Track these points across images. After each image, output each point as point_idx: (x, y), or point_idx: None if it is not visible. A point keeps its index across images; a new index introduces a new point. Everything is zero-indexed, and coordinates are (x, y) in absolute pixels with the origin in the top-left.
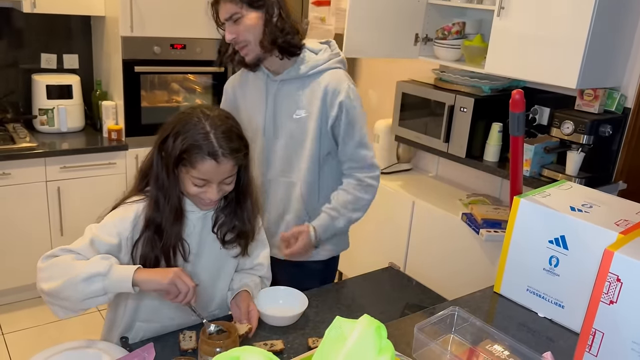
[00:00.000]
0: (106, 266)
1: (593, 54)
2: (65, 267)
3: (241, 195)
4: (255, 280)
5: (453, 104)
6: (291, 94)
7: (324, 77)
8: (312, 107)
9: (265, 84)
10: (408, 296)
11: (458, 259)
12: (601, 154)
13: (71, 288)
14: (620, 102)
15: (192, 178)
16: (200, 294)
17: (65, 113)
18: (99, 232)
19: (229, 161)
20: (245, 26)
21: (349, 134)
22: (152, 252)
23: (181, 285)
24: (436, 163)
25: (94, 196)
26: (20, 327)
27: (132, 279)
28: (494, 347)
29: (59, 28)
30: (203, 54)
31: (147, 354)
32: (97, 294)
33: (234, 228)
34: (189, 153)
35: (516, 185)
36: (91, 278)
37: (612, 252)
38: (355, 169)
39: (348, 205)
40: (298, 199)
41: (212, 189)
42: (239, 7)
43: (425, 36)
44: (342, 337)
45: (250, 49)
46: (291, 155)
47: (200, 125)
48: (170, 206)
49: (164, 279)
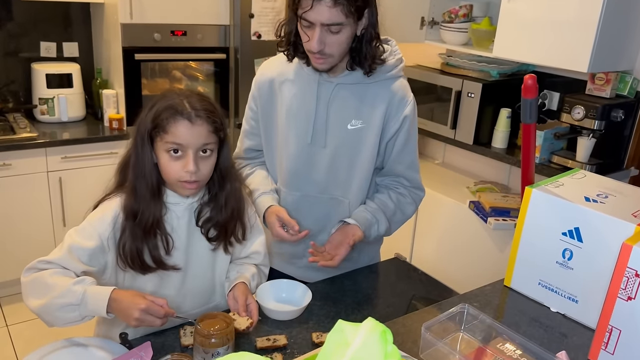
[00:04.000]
0: (79, 295)
1: (605, 36)
2: (43, 288)
3: (221, 179)
4: (252, 270)
5: (460, 90)
6: (348, 100)
7: (391, 87)
8: (373, 118)
9: (316, 84)
10: (415, 288)
11: (465, 248)
12: (612, 139)
13: (50, 314)
14: (633, 86)
15: (166, 146)
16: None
17: (66, 102)
18: (77, 237)
19: (203, 122)
20: (339, 40)
21: (404, 152)
22: (134, 243)
23: (150, 320)
24: (443, 150)
25: (96, 186)
26: (24, 319)
27: (105, 311)
28: (505, 345)
29: (58, 16)
30: (204, 41)
31: (145, 353)
32: (74, 320)
33: (217, 224)
34: (161, 117)
35: (528, 175)
36: (65, 308)
37: (630, 245)
38: (402, 185)
39: (388, 213)
40: (344, 218)
41: (190, 157)
42: (345, 17)
43: (431, 19)
44: (345, 343)
45: (329, 62)
46: (338, 169)
47: (174, 96)
48: (146, 183)
49: (129, 320)
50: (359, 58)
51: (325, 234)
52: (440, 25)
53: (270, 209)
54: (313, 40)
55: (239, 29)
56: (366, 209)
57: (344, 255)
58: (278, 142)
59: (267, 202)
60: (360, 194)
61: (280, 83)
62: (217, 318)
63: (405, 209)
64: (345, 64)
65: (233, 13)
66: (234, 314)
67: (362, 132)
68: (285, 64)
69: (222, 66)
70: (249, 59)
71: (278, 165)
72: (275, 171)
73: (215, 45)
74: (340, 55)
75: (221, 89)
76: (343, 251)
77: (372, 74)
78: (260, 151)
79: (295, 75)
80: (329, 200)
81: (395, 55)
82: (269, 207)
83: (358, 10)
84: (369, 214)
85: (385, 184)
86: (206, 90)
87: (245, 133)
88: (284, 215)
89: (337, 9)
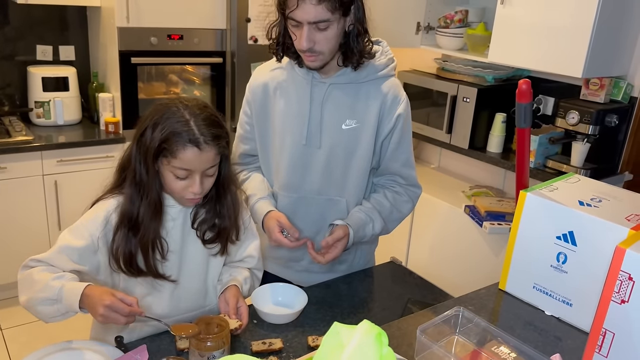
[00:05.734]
0: (55, 290)
1: (599, 42)
2: (29, 283)
3: (221, 189)
4: (244, 273)
5: (456, 94)
6: (342, 100)
7: (382, 85)
8: (367, 117)
9: (310, 85)
10: (410, 291)
11: (461, 252)
12: (607, 144)
13: (33, 308)
14: (627, 91)
15: (173, 169)
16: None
17: (62, 105)
18: (69, 236)
19: (211, 149)
20: (328, 36)
21: (399, 150)
22: (127, 247)
23: (114, 317)
24: (438, 154)
25: (92, 190)
26: (18, 323)
27: (77, 306)
28: (500, 348)
29: (55, 19)
30: (201, 45)
31: (140, 357)
32: (55, 314)
33: (213, 226)
34: (169, 142)
35: (522, 179)
36: (44, 302)
37: (623, 249)
38: (398, 184)
39: (383, 212)
40: (341, 218)
41: (195, 181)
42: (331, 14)
43: (427, 24)
44: (340, 345)
45: (320, 59)
46: (333, 169)
47: (179, 114)
48: (149, 201)
49: (95, 316)
50: (347, 53)
51: (322, 235)
52: (436, 31)
53: (270, 213)
54: (302, 39)
55: (236, 33)
56: (360, 209)
57: (336, 255)
58: (273, 145)
59: (266, 207)
60: (357, 193)
61: (273, 86)
62: (212, 323)
63: (401, 207)
64: (336, 61)
65: (230, 17)
66: (225, 315)
67: (356, 131)
68: (278, 68)
69: (218, 70)
70: (245, 63)
71: (274, 168)
72: (271, 174)
73: (211, 49)
74: (330, 52)
75: (217, 93)
76: (336, 251)
77: (362, 70)
78: (255, 156)
79: (288, 78)
80: (326, 201)
81: (386, 55)
82: (269, 212)
83: (343, 6)
84: (363, 214)
85: (381, 183)
86: (202, 94)
87: (240, 138)
88: (285, 221)
89: (322, 6)
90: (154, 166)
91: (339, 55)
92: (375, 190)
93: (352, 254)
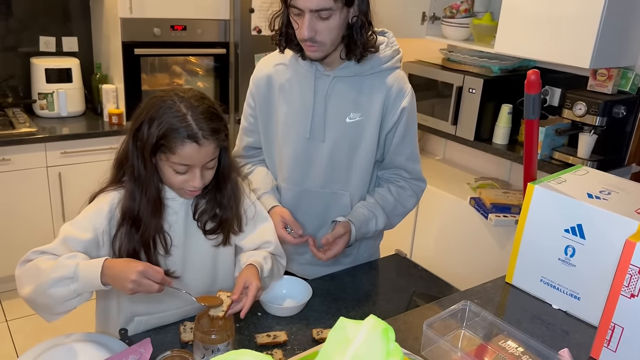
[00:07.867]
0: (71, 268)
1: (607, 32)
2: (35, 272)
3: (221, 179)
4: (263, 253)
5: (461, 85)
6: (346, 93)
7: (387, 78)
8: (371, 110)
9: (314, 78)
10: (415, 284)
11: (466, 245)
12: (614, 135)
13: (43, 295)
14: (635, 82)
15: (173, 165)
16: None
17: (65, 97)
18: (72, 228)
19: (210, 143)
20: (330, 26)
21: (403, 143)
22: (130, 244)
23: (147, 284)
24: (443, 146)
25: (96, 181)
26: (23, 314)
27: (100, 280)
28: (507, 343)
29: (58, 10)
30: (204, 36)
31: (144, 350)
32: (70, 297)
33: (214, 216)
34: (167, 138)
35: (530, 171)
36: (58, 282)
37: (634, 242)
38: (402, 178)
39: (387, 207)
40: (345, 212)
41: (195, 175)
42: (333, 2)
43: (432, 15)
44: (346, 340)
45: (322, 49)
46: (337, 163)
47: (175, 108)
48: (148, 197)
49: (125, 284)
50: (351, 46)
51: (326, 229)
52: (442, 21)
53: (274, 209)
54: (303, 28)
55: (239, 24)
56: (363, 204)
57: (337, 252)
58: (277, 138)
59: (270, 202)
60: (361, 187)
61: (277, 79)
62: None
63: (405, 202)
64: (340, 54)
65: (233, 8)
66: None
67: (360, 124)
68: (282, 60)
69: (222, 61)
70: (249, 54)
71: (277, 161)
72: (275, 167)
73: (215, 40)
74: (332, 43)
75: (221, 84)
76: (337, 248)
77: (366, 63)
78: (259, 149)
79: (292, 70)
80: (330, 195)
81: (392, 47)
82: (273, 207)
83: None
84: (366, 210)
85: (385, 177)
86: (206, 86)
87: (244, 130)
88: (288, 217)
89: None
90: (152, 161)
91: (342, 48)
92: (379, 184)
93: (356, 247)
